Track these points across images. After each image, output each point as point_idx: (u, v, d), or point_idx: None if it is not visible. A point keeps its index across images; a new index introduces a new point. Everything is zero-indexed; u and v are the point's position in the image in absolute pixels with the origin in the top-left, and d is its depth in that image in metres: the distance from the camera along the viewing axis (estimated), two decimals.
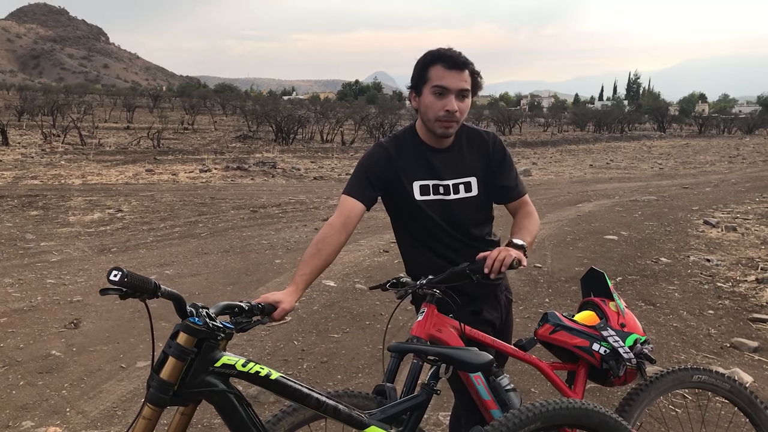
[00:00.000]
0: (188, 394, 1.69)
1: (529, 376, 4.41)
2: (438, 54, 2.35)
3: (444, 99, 2.33)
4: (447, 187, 2.46)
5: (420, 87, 2.39)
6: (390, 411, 2.02)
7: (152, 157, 19.90)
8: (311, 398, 1.83)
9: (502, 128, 42.80)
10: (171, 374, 1.66)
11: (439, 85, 2.33)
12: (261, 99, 55.84)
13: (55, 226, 9.58)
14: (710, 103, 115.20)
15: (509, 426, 1.90)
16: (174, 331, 1.70)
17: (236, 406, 1.74)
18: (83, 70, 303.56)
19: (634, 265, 7.72)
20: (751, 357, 4.96)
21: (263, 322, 2.02)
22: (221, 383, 1.72)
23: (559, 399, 1.99)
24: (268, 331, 5.31)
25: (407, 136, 2.52)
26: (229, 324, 1.79)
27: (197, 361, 1.68)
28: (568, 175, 20.04)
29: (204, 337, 1.69)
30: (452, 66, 2.32)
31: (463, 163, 2.48)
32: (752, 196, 14.43)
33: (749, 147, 34.36)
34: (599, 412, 1.99)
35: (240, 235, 9.31)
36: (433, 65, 2.34)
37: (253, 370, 1.75)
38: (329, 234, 2.36)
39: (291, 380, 1.81)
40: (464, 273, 2.18)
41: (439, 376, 2.08)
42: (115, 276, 1.55)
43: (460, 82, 2.33)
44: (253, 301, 2.03)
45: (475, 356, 2.03)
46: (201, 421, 3.74)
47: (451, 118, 2.35)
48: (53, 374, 4.42)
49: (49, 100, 36.87)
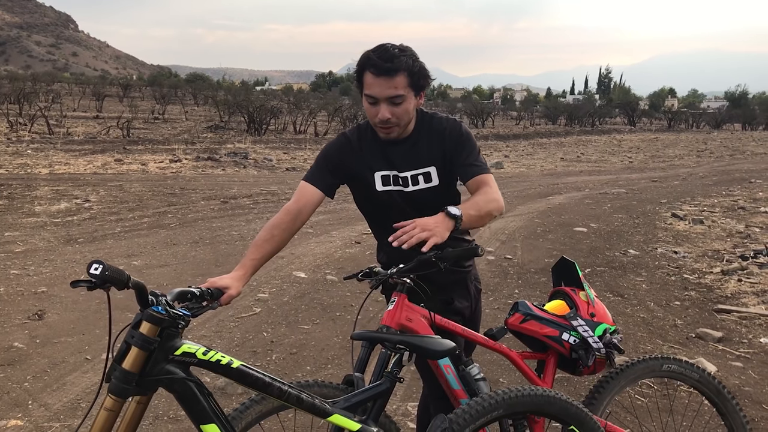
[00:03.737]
0: (147, 382, 1.66)
1: (497, 366, 4.42)
2: (368, 59, 2.24)
3: (376, 107, 2.28)
4: (405, 179, 2.42)
5: (360, 92, 2.33)
6: (354, 399, 2.02)
7: (121, 147, 19.59)
8: (273, 387, 1.81)
9: (475, 121, 42.98)
10: (134, 364, 1.64)
11: (368, 94, 2.27)
12: (233, 89, 55.22)
13: (20, 216, 9.38)
14: (679, 98, 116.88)
15: (472, 413, 1.91)
16: (136, 321, 1.67)
17: (196, 394, 1.72)
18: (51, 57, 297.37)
19: (602, 257, 7.80)
20: (715, 347, 5.03)
21: (213, 307, 2.02)
22: (181, 371, 1.70)
23: (521, 386, 2.00)
24: (237, 323, 5.25)
25: (369, 128, 2.47)
26: (186, 311, 1.77)
27: (158, 350, 1.66)
28: (540, 168, 20.19)
29: (166, 326, 1.67)
30: (380, 73, 2.21)
31: (419, 154, 2.42)
32: (719, 189, 14.68)
33: (717, 142, 34.97)
34: (561, 400, 2.00)
35: (210, 226, 9.21)
36: (365, 71, 2.26)
37: (214, 358, 1.73)
38: (285, 221, 2.33)
39: (253, 369, 1.80)
40: (431, 261, 2.16)
41: (402, 363, 2.07)
42: (95, 269, 1.54)
43: (388, 90, 2.23)
44: (202, 286, 2.01)
45: (438, 343, 2.03)
46: (167, 413, 3.68)
47: (387, 124, 2.30)
48: (15, 366, 4.31)
49: (16, 88, 35.92)
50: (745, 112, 57.86)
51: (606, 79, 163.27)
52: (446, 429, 1.89)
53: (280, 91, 74.06)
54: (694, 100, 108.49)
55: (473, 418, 1.90)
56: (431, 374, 2.36)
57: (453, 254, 2.25)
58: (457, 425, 1.89)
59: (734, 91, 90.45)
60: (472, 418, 1.90)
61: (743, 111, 59.91)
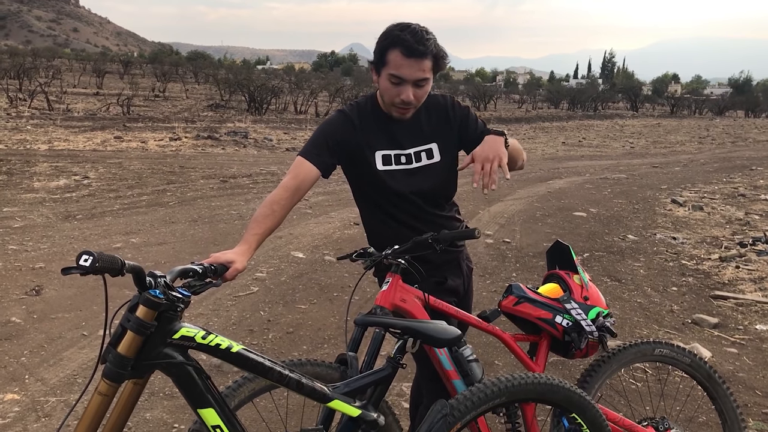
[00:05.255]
0: (144, 366, 1.63)
1: (493, 348, 4.44)
2: (398, 38, 2.21)
3: (399, 88, 2.26)
4: (409, 156, 2.42)
5: (379, 68, 2.30)
6: (354, 384, 1.97)
7: (121, 124, 19.52)
8: (273, 372, 1.78)
9: (478, 104, 42.78)
10: (129, 349, 1.59)
11: (395, 74, 2.24)
12: (234, 68, 54.93)
13: (18, 192, 9.37)
14: (683, 83, 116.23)
15: (474, 400, 1.88)
16: (132, 304, 1.62)
17: (194, 378, 1.68)
18: (52, 33, 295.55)
19: (601, 242, 7.81)
20: (711, 333, 5.05)
21: (217, 284, 1.95)
22: (179, 355, 1.66)
23: (524, 373, 1.98)
24: (234, 302, 5.27)
25: (369, 105, 2.45)
26: (186, 292, 1.71)
27: (155, 333, 1.61)
28: (541, 152, 20.14)
29: (163, 310, 1.62)
30: (411, 54, 2.20)
31: (422, 131, 2.43)
32: (720, 176, 14.66)
33: (719, 128, 34.84)
34: (564, 388, 1.98)
35: (209, 204, 9.20)
36: (392, 49, 2.23)
37: (213, 342, 1.68)
38: (284, 197, 2.31)
39: (253, 353, 1.76)
40: (427, 243, 2.16)
41: (405, 350, 2.04)
42: (85, 261, 1.48)
43: (417, 72, 2.23)
44: (204, 262, 1.97)
45: (443, 331, 1.96)
46: (163, 389, 3.71)
47: (407, 106, 2.31)
48: (12, 341, 4.33)
49: (16, 63, 35.70)
50: (749, 99, 57.54)
51: (609, 63, 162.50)
52: (447, 415, 1.86)
53: (281, 71, 73.67)
54: (697, 86, 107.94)
55: (474, 405, 1.88)
56: (424, 355, 2.37)
57: (449, 236, 2.25)
58: (458, 411, 1.86)
59: (738, 77, 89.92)
60: (474, 405, 1.88)
61: (747, 98, 59.59)
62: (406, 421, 2.94)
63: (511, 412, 2.28)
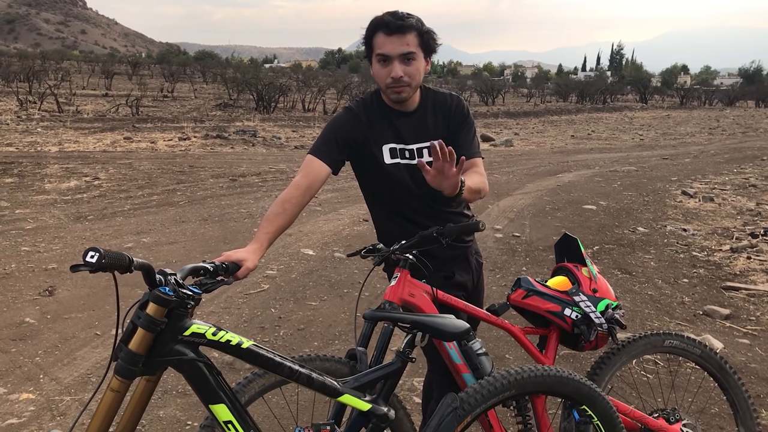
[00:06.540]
0: (155, 363, 1.64)
1: (504, 342, 4.44)
2: (377, 22, 2.30)
3: (388, 66, 2.31)
4: (412, 152, 2.44)
5: (369, 57, 2.37)
6: (364, 379, 1.98)
7: (131, 125, 19.61)
8: (284, 367, 1.79)
9: (486, 99, 42.67)
10: (140, 346, 1.61)
11: (380, 53, 2.30)
12: (242, 67, 54.98)
13: (30, 194, 9.44)
14: (692, 74, 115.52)
15: (484, 393, 1.89)
16: (143, 301, 1.63)
17: (206, 374, 1.69)
18: (60, 35, 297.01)
19: (611, 235, 7.78)
20: (722, 324, 5.03)
21: (228, 282, 1.95)
22: (190, 352, 1.67)
23: (533, 366, 1.98)
24: (245, 299, 5.29)
25: (374, 100, 2.48)
26: (197, 290, 1.72)
27: (166, 330, 1.63)
28: (550, 145, 20.08)
29: (174, 307, 1.63)
30: (391, 31, 2.27)
31: (426, 127, 2.45)
32: (730, 167, 14.56)
33: (729, 119, 34.61)
34: (574, 380, 1.98)
35: (219, 203, 9.24)
36: (375, 34, 2.31)
37: (224, 338, 1.70)
38: (296, 195, 2.32)
39: (263, 348, 1.77)
40: (433, 237, 2.17)
41: (414, 344, 2.04)
42: (92, 257, 1.48)
43: (400, 47, 2.28)
44: (216, 260, 1.98)
45: (452, 325, 1.96)
46: (176, 387, 3.73)
47: (399, 83, 2.32)
48: (27, 341, 4.38)
49: (25, 66, 35.98)
50: (759, 89, 57.03)
51: (618, 55, 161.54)
52: (456, 408, 1.86)
53: (288, 69, 73.69)
54: (707, 77, 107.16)
55: (484, 398, 1.88)
56: (434, 349, 2.38)
57: (454, 229, 2.26)
58: (468, 404, 1.87)
59: (748, 67, 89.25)
60: (483, 398, 1.88)
61: (757, 88, 59.08)
62: (418, 415, 2.96)
63: (521, 405, 2.28)
